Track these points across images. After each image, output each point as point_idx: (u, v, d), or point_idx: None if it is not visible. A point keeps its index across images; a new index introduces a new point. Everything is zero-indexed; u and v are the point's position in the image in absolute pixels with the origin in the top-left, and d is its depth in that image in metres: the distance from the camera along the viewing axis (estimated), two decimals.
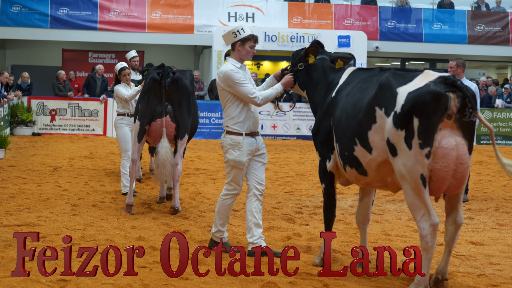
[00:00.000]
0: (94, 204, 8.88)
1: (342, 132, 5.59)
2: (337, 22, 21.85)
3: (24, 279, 5.31)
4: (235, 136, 6.37)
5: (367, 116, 5.32)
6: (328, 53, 6.44)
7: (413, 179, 5.03)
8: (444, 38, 22.15)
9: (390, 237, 7.34)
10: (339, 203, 9.40)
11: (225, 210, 6.56)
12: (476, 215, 8.79)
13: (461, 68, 9.62)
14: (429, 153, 4.96)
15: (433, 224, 5.03)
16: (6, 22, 20.19)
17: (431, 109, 4.92)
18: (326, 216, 6.11)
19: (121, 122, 9.76)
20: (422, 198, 5.05)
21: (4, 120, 16.25)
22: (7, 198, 9.03)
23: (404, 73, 5.28)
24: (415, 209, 5.10)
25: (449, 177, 5.02)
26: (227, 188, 6.52)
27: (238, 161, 6.36)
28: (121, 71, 9.82)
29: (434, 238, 5.05)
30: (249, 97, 6.26)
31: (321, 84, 6.19)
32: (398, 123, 5.04)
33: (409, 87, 5.08)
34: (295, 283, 5.44)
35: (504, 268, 6.19)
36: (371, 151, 5.35)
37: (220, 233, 6.63)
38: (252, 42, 6.36)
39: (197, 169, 12.68)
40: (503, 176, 12.83)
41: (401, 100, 5.05)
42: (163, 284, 5.35)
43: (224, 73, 6.29)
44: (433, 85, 4.98)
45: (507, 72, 26.55)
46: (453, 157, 4.97)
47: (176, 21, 20.92)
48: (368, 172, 5.50)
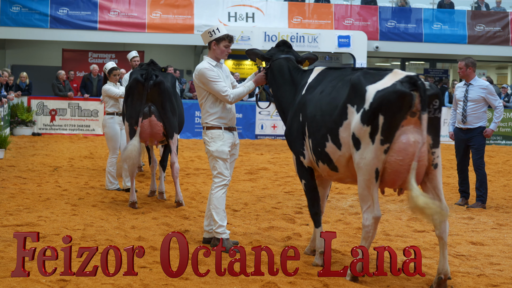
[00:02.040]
0: (94, 204, 8.88)
1: (316, 128, 5.77)
2: (337, 22, 21.85)
3: (24, 279, 5.31)
4: (215, 130, 6.63)
5: (341, 113, 5.54)
6: (295, 53, 6.64)
7: (368, 172, 5.31)
8: (444, 38, 22.15)
9: (390, 237, 7.34)
10: (339, 203, 9.40)
11: (219, 203, 6.63)
12: (476, 215, 8.79)
13: (471, 68, 9.39)
14: (387, 149, 5.24)
15: (376, 217, 5.38)
16: (6, 22, 20.19)
17: (396, 107, 5.19)
18: (313, 211, 6.21)
19: (111, 121, 9.99)
20: (371, 191, 5.35)
21: (4, 120, 16.25)
22: (7, 198, 9.03)
23: (375, 72, 5.51)
24: (363, 200, 5.41)
25: (404, 171, 5.24)
26: (216, 181, 6.67)
27: (221, 151, 6.59)
28: (112, 70, 10.00)
29: (374, 230, 5.41)
30: (221, 94, 6.54)
31: (285, 84, 6.39)
32: (365, 119, 5.29)
33: (378, 85, 5.32)
34: (295, 283, 5.44)
35: (504, 268, 6.19)
36: (340, 148, 5.57)
37: (222, 229, 6.64)
38: (227, 41, 6.67)
39: (197, 169, 12.68)
40: (503, 176, 12.83)
41: (370, 98, 5.30)
42: (163, 284, 5.35)
43: (198, 71, 6.59)
44: (399, 84, 5.23)
45: (507, 72, 26.55)
46: (409, 153, 5.21)
47: (176, 21, 20.91)
48: (338, 168, 5.71)
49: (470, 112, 9.38)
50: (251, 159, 14.61)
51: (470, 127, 9.39)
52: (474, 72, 9.47)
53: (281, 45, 6.65)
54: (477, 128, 9.37)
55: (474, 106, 9.36)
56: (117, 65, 10.65)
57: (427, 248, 6.85)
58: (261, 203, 9.33)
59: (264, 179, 11.65)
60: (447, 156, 16.40)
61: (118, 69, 10.06)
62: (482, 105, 9.37)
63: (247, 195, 9.99)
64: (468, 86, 9.46)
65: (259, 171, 12.70)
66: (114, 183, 10.04)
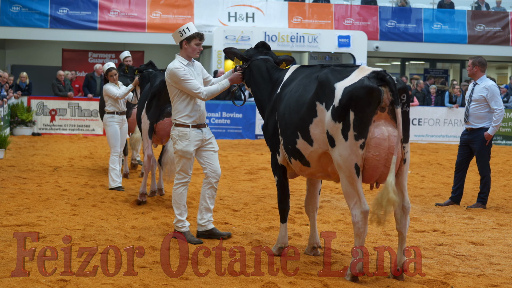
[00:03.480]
0: (94, 204, 8.87)
1: (286, 126, 5.94)
2: (337, 22, 21.85)
3: (24, 279, 5.30)
4: (182, 128, 6.87)
5: (309, 110, 5.64)
6: (273, 54, 6.83)
7: (348, 168, 5.38)
8: (444, 38, 22.15)
9: (390, 237, 7.34)
10: (339, 203, 9.40)
11: (179, 199, 6.98)
12: (476, 215, 8.79)
13: (477, 67, 9.31)
14: (363, 144, 5.32)
15: (364, 211, 5.40)
16: (6, 22, 20.19)
17: (365, 102, 5.29)
18: (281, 207, 6.43)
19: (111, 120, 10.16)
20: (355, 187, 5.41)
21: (4, 120, 16.25)
22: (7, 198, 9.03)
23: (342, 68, 5.63)
24: (349, 197, 5.47)
25: (380, 165, 5.37)
26: (177, 178, 7.00)
27: (185, 151, 6.87)
28: (108, 71, 10.16)
29: (365, 225, 5.41)
30: (194, 92, 6.76)
31: (264, 83, 6.58)
32: (336, 116, 5.39)
33: (346, 82, 5.43)
34: (295, 283, 5.43)
35: (504, 268, 6.19)
36: (312, 144, 5.69)
37: (181, 223, 6.99)
38: (198, 40, 6.87)
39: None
40: (503, 176, 12.84)
41: (339, 94, 5.40)
42: (163, 284, 5.34)
43: (170, 71, 6.79)
44: (366, 80, 5.34)
45: (507, 72, 26.55)
46: (385, 147, 5.32)
47: (176, 21, 20.91)
48: (310, 163, 5.84)
49: (472, 111, 9.35)
50: (251, 159, 14.61)
51: (472, 127, 9.34)
52: (481, 72, 9.38)
53: (259, 46, 6.84)
54: (479, 129, 9.29)
55: (476, 106, 9.32)
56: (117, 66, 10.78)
57: (427, 248, 6.85)
58: (261, 203, 9.33)
59: (264, 179, 11.65)
60: (447, 156, 16.41)
61: (113, 69, 10.17)
62: (484, 106, 9.30)
63: (247, 195, 9.99)
64: (474, 86, 9.43)
65: (259, 171, 12.71)
66: (116, 181, 10.08)
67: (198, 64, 7.15)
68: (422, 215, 8.72)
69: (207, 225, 7.04)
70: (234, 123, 19.55)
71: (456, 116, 19.90)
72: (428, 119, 20.12)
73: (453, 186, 9.56)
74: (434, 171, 13.49)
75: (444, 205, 9.42)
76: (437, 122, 20.12)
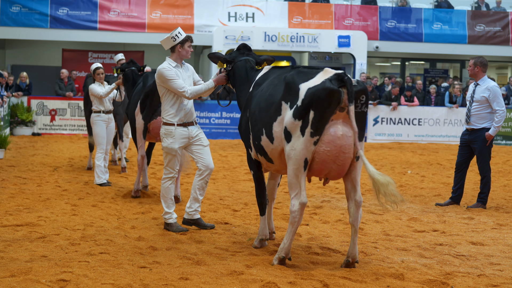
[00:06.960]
0: (94, 204, 8.88)
1: (255, 123, 6.27)
2: (337, 22, 21.84)
3: (24, 279, 5.30)
4: (168, 126, 7.30)
5: (276, 109, 5.97)
6: (255, 55, 7.13)
7: (298, 161, 5.72)
8: (444, 38, 22.14)
9: (390, 237, 7.34)
10: (339, 203, 9.40)
11: (166, 192, 7.42)
12: (476, 215, 8.79)
13: (479, 67, 9.28)
14: (317, 140, 5.67)
15: (302, 203, 5.78)
16: (6, 22, 20.18)
17: (325, 103, 5.62)
18: (259, 200, 6.72)
19: (97, 119, 10.66)
20: (299, 179, 5.76)
21: (4, 120, 16.25)
22: (7, 198, 9.03)
23: (308, 70, 5.94)
24: (291, 187, 5.82)
25: (330, 161, 5.70)
26: (165, 173, 7.43)
27: (170, 148, 7.29)
28: (95, 70, 10.67)
29: (300, 215, 5.80)
30: (179, 91, 7.15)
31: (243, 83, 6.89)
32: (297, 115, 5.71)
33: (310, 83, 5.74)
34: (295, 283, 5.43)
35: (504, 268, 6.19)
36: (272, 141, 6.03)
37: (168, 215, 7.39)
38: (190, 42, 7.35)
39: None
40: (503, 176, 12.84)
41: (302, 95, 5.72)
42: (163, 284, 5.34)
43: (158, 71, 7.23)
44: (328, 82, 5.65)
45: (507, 72, 26.55)
46: (337, 145, 5.65)
47: (176, 21, 20.90)
48: (273, 160, 6.18)
49: (473, 112, 9.33)
50: None
51: (473, 127, 9.33)
52: (482, 72, 9.36)
53: (241, 48, 7.13)
54: (480, 130, 9.27)
55: (478, 106, 9.31)
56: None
57: (427, 248, 6.85)
58: None
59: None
60: (447, 156, 16.41)
61: (100, 68, 10.63)
62: (486, 106, 9.28)
63: (247, 195, 9.99)
64: (476, 86, 9.41)
65: None
66: (101, 178, 10.47)
67: (190, 67, 7.58)
68: (422, 215, 8.73)
69: (193, 215, 7.47)
70: (234, 123, 19.56)
71: (456, 116, 19.91)
72: (428, 119, 20.13)
73: (453, 186, 9.56)
74: (434, 171, 13.49)
75: (444, 205, 9.42)
76: (437, 122, 20.13)
